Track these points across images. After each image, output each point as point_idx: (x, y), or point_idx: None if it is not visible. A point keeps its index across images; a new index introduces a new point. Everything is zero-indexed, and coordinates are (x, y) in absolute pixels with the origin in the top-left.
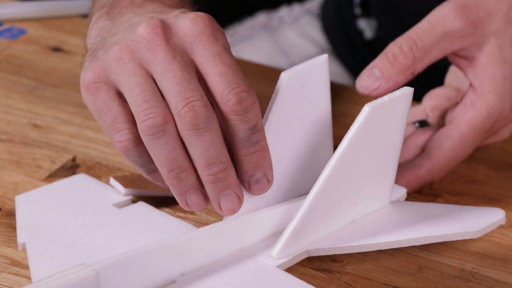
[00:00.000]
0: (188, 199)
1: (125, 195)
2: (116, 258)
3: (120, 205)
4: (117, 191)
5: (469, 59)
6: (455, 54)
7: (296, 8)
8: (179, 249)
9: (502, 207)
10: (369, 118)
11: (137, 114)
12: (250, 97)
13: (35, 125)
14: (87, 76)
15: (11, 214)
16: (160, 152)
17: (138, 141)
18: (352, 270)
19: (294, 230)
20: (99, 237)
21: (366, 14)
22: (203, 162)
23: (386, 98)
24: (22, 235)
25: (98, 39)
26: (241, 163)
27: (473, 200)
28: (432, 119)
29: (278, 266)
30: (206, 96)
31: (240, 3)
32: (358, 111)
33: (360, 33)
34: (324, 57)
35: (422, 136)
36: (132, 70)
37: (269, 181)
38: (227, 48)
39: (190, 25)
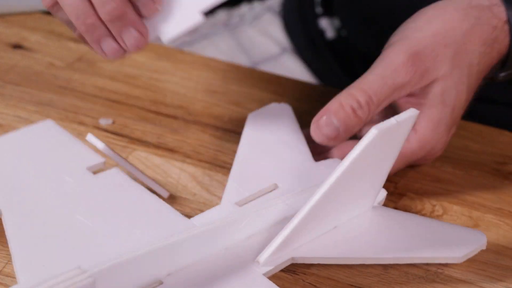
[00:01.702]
0: (103, 46)
1: (102, 151)
2: (112, 262)
3: (94, 169)
4: (91, 149)
5: (411, 100)
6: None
7: (256, 6)
8: (168, 250)
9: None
10: (374, 140)
11: None
12: None
13: None
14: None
15: None
16: (66, 2)
17: None
18: (317, 271)
19: (285, 239)
20: (77, 210)
21: (327, 13)
22: (98, 2)
23: (393, 121)
24: None
25: None
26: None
27: (439, 199)
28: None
29: (264, 274)
30: None
31: None
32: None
33: (321, 33)
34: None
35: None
36: None
37: (156, 1)
38: None
39: None
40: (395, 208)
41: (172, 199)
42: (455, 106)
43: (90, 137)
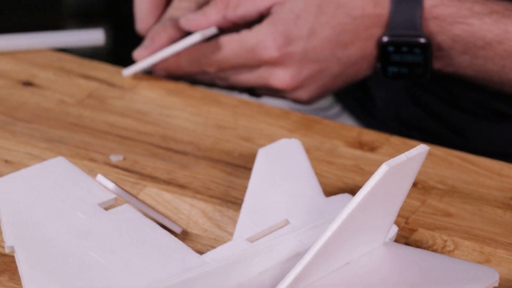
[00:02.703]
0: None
1: (113, 192)
2: None
3: (105, 205)
4: (102, 186)
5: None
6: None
7: None
8: (180, 287)
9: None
10: (385, 176)
11: None
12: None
13: (6, 161)
14: None
15: None
16: None
17: None
18: None
19: (297, 276)
20: (90, 247)
21: None
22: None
23: (403, 157)
24: (9, 238)
25: None
26: None
27: (450, 234)
28: None
29: None
30: None
31: None
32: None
33: None
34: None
35: None
36: None
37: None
38: None
39: None
40: (406, 243)
41: (183, 235)
42: (300, 15)
43: (100, 178)
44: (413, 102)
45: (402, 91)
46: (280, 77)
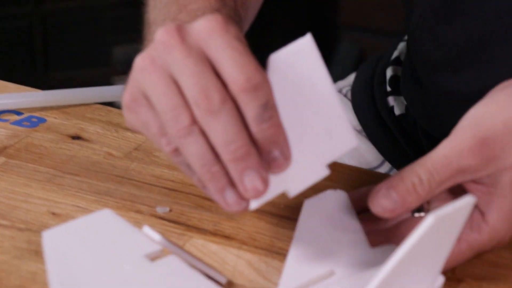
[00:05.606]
0: (226, 196)
1: (159, 243)
2: None
3: (151, 256)
4: (148, 238)
5: (481, 188)
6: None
7: None
8: None
9: None
10: (432, 227)
11: (166, 121)
12: (259, 75)
13: (54, 214)
14: (124, 98)
15: None
16: (190, 151)
17: None
18: None
19: None
20: None
21: (395, 92)
22: (222, 142)
23: (450, 208)
24: None
25: None
26: (256, 141)
27: (498, 284)
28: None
29: None
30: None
31: None
32: None
33: (390, 109)
34: (308, 37)
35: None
36: (156, 80)
37: (287, 158)
38: (237, 37)
39: (203, 23)
40: None
41: (228, 286)
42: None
43: (146, 229)
44: None
45: None
46: None
